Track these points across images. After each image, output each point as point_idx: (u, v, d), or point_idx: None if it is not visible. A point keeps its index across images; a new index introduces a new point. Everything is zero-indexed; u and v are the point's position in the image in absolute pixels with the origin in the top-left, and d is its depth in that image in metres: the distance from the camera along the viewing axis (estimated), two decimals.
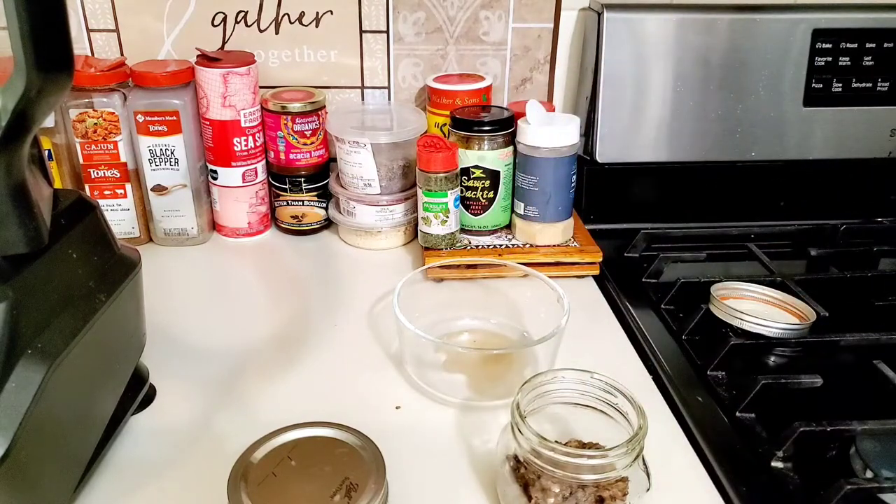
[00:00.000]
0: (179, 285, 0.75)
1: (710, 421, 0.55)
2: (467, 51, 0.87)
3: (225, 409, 0.56)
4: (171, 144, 0.76)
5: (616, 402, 0.47)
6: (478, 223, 0.77)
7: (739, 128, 0.84)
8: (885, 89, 0.84)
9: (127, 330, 0.50)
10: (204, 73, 0.75)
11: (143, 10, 0.82)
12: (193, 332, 0.66)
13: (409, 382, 0.60)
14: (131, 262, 0.49)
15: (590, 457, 0.42)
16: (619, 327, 0.68)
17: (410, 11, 0.84)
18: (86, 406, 0.46)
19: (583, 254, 0.75)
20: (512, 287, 0.70)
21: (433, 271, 0.71)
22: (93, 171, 0.77)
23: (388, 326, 0.67)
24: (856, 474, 0.49)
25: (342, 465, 0.45)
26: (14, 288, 0.38)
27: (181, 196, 0.78)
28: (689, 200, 0.87)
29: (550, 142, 0.71)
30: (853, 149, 0.86)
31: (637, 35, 0.81)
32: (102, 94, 0.74)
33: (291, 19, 0.84)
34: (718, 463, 0.51)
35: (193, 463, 0.51)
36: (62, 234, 0.43)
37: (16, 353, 0.38)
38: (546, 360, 0.59)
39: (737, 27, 0.81)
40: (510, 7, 0.85)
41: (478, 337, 0.66)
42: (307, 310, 0.70)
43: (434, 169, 0.71)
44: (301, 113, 0.79)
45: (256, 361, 0.62)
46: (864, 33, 0.82)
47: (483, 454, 0.52)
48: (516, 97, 0.89)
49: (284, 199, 0.83)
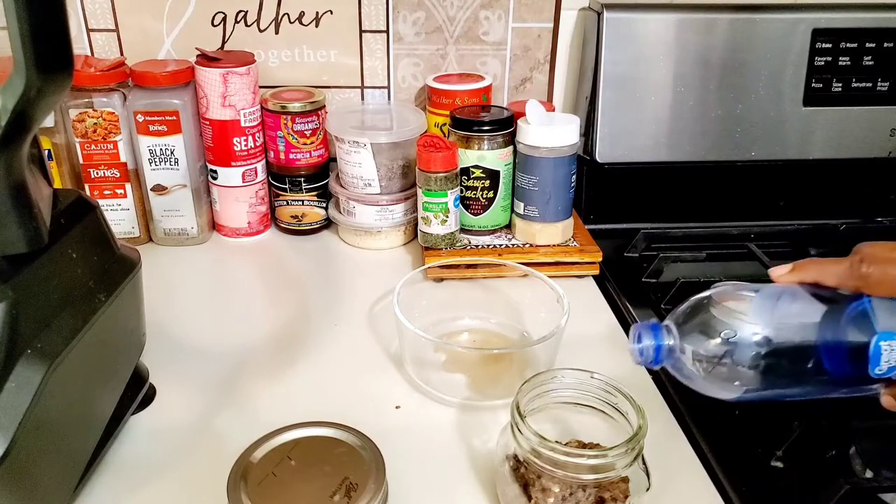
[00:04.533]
0: (179, 285, 0.75)
1: (710, 421, 0.55)
2: (467, 51, 0.87)
3: (225, 409, 0.56)
4: (171, 144, 0.76)
5: (616, 402, 0.47)
6: (477, 223, 0.77)
7: (739, 128, 0.84)
8: (885, 89, 0.84)
9: (127, 330, 0.50)
10: (204, 73, 0.75)
11: (143, 9, 0.82)
12: (193, 332, 0.66)
13: (409, 382, 0.60)
14: (131, 262, 0.49)
15: (589, 457, 0.42)
16: (619, 327, 0.68)
17: (410, 11, 0.84)
18: (85, 406, 0.46)
19: (583, 254, 0.75)
20: (512, 287, 0.70)
21: (433, 271, 0.71)
22: (93, 170, 0.77)
23: (388, 326, 0.67)
24: (856, 474, 0.49)
25: (342, 465, 0.45)
26: (14, 288, 0.38)
27: (181, 196, 0.78)
28: (689, 200, 0.87)
29: (550, 142, 0.71)
30: (853, 149, 0.86)
31: (637, 35, 0.81)
32: (102, 94, 0.74)
33: (291, 19, 0.83)
34: (718, 463, 0.51)
35: (193, 463, 0.51)
36: (62, 234, 0.43)
37: (16, 353, 0.38)
38: (546, 360, 0.59)
39: (737, 27, 0.81)
40: (510, 7, 0.85)
41: (478, 337, 0.66)
42: (307, 310, 0.70)
43: (434, 169, 0.71)
44: (301, 113, 0.79)
45: (256, 361, 0.62)
46: (864, 33, 0.82)
47: (483, 454, 0.52)
48: (516, 97, 0.89)
49: (284, 199, 0.83)
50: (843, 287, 0.41)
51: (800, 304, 0.41)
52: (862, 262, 0.40)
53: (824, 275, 0.42)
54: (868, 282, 0.40)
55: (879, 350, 0.39)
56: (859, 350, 0.39)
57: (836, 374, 0.40)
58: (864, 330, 0.39)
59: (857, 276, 0.40)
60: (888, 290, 0.40)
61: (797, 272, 0.43)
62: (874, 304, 0.40)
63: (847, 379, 0.40)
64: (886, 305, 0.40)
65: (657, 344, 0.42)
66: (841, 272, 0.41)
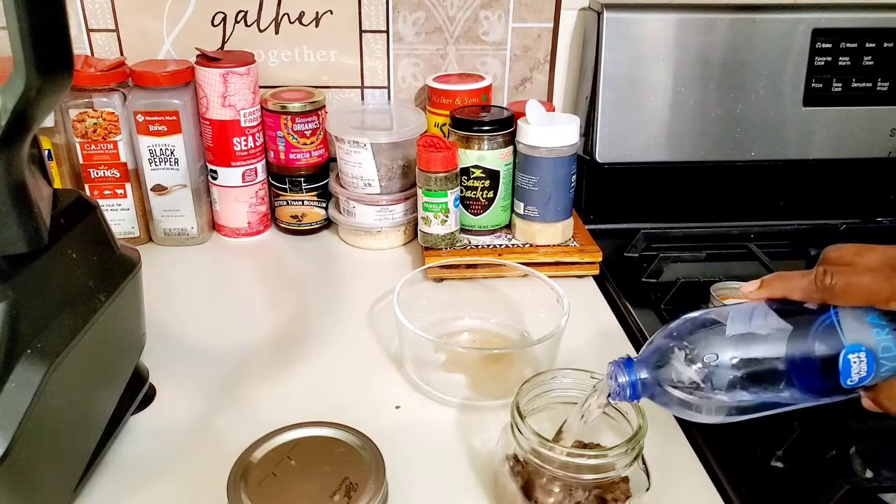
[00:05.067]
0: (179, 285, 0.75)
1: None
2: (467, 51, 0.87)
3: (225, 409, 0.56)
4: (171, 144, 0.76)
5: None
6: (477, 223, 0.77)
7: (739, 127, 0.84)
8: (885, 89, 0.84)
9: (127, 330, 0.50)
10: (204, 73, 0.75)
11: (143, 10, 0.82)
12: (193, 332, 0.66)
13: (409, 382, 0.60)
14: (131, 262, 0.49)
15: (589, 457, 0.42)
16: (620, 327, 0.68)
17: (410, 11, 0.84)
18: (86, 406, 0.46)
19: (583, 254, 0.75)
20: (512, 287, 0.70)
21: (433, 271, 0.71)
22: (93, 171, 0.77)
23: (388, 326, 0.67)
24: (856, 474, 0.49)
25: (342, 464, 0.45)
26: (14, 288, 0.38)
27: (181, 196, 0.78)
28: (689, 200, 0.87)
29: (550, 142, 0.71)
30: (853, 149, 0.86)
31: (637, 35, 0.81)
32: (102, 94, 0.74)
33: (291, 19, 0.84)
34: (718, 463, 0.51)
35: (193, 463, 0.51)
36: (62, 234, 0.43)
37: (16, 353, 0.38)
38: (546, 360, 0.59)
39: (737, 27, 0.81)
40: (510, 7, 0.85)
41: (478, 337, 0.66)
42: (307, 310, 0.70)
43: (434, 169, 0.71)
44: (301, 113, 0.79)
45: (256, 361, 0.62)
46: (864, 33, 0.82)
47: (483, 454, 0.52)
48: (516, 97, 0.89)
49: (284, 199, 0.83)
50: (810, 300, 0.41)
51: (768, 324, 0.41)
52: (825, 275, 0.40)
53: (790, 290, 0.42)
54: (832, 293, 0.40)
55: (849, 363, 0.39)
56: (829, 364, 0.39)
57: (810, 390, 0.41)
58: (831, 344, 0.40)
59: (820, 288, 0.40)
60: (852, 299, 0.40)
61: (764, 289, 0.43)
62: (840, 315, 0.40)
63: (823, 391, 0.41)
64: (853, 316, 0.40)
65: (632, 380, 0.43)
66: (806, 286, 0.41)
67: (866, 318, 0.40)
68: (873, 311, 0.40)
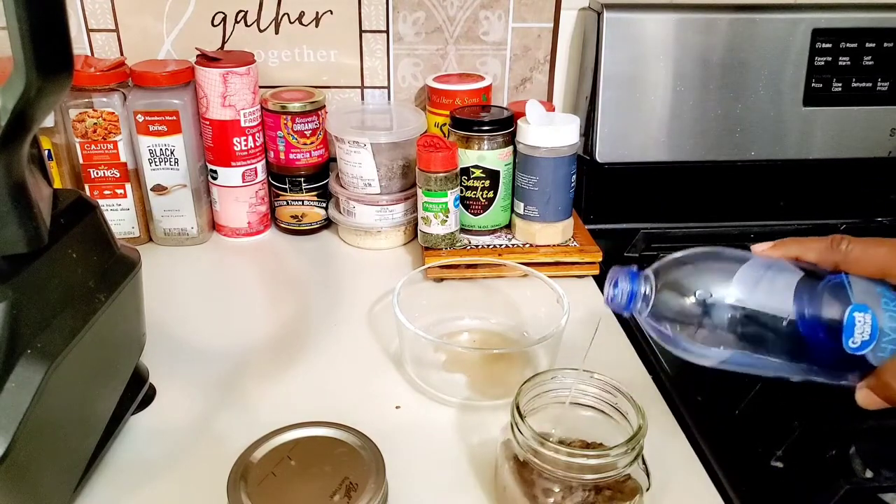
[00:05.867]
0: (179, 285, 0.75)
1: (710, 421, 0.55)
2: (467, 51, 0.87)
3: (225, 409, 0.56)
4: (171, 144, 0.76)
5: (616, 401, 0.47)
6: (477, 223, 0.77)
7: (739, 127, 0.84)
8: (885, 89, 0.84)
9: (127, 330, 0.50)
10: (204, 73, 0.75)
11: (143, 10, 0.82)
12: (193, 331, 0.66)
13: (409, 382, 0.60)
14: (131, 262, 0.49)
15: (589, 457, 0.42)
16: (620, 327, 0.68)
17: (410, 11, 0.84)
18: (86, 406, 0.46)
19: (583, 254, 0.75)
20: (512, 287, 0.70)
21: (433, 271, 0.71)
22: (93, 171, 0.77)
23: (388, 326, 0.67)
24: (856, 474, 0.49)
25: (342, 464, 0.45)
26: (14, 288, 0.38)
27: (181, 196, 0.78)
28: (689, 200, 0.87)
29: (550, 142, 0.71)
30: (853, 148, 0.86)
31: (637, 35, 0.81)
32: (102, 94, 0.74)
33: (291, 19, 0.84)
34: (718, 463, 0.51)
35: (193, 463, 0.51)
36: (62, 234, 0.43)
37: (16, 353, 0.38)
38: (546, 360, 0.59)
39: (737, 27, 0.81)
40: (510, 7, 0.85)
41: (478, 337, 0.66)
42: (307, 310, 0.70)
43: (434, 169, 0.71)
44: (301, 113, 0.79)
45: (256, 361, 0.62)
46: (864, 33, 0.82)
47: (483, 454, 0.52)
48: (516, 97, 0.89)
49: (284, 199, 0.83)
50: (823, 263, 0.42)
51: (781, 273, 0.41)
52: (843, 240, 0.40)
53: (804, 251, 0.42)
54: (847, 258, 0.40)
55: (853, 321, 0.39)
56: (834, 322, 0.39)
57: (811, 341, 0.40)
58: (839, 300, 0.39)
59: (836, 251, 0.40)
60: (866, 268, 0.40)
61: (779, 248, 0.43)
62: (851, 279, 0.40)
63: (822, 352, 0.40)
64: (863, 282, 0.40)
65: (632, 290, 0.42)
66: (821, 248, 0.42)
67: (877, 288, 0.40)
68: (884, 284, 0.40)
